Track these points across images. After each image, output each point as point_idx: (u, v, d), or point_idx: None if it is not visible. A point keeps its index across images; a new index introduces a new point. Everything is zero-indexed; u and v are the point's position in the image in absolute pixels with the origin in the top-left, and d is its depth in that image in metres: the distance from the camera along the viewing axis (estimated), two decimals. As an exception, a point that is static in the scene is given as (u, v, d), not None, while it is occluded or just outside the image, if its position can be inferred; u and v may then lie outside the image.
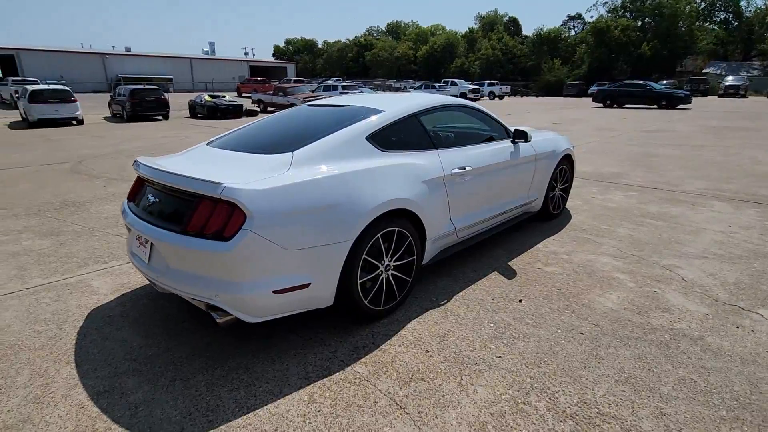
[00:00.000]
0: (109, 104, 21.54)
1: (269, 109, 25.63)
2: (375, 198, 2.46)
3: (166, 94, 20.83)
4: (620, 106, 25.33)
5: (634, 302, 2.91)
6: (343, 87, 27.22)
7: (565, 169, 4.63)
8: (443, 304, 2.91)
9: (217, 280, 2.12)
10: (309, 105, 3.58)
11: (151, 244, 2.35)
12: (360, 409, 1.96)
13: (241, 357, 2.34)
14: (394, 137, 2.91)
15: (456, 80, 37.75)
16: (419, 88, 35.65)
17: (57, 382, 2.16)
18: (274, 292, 2.18)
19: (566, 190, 4.81)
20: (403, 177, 2.71)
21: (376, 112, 2.97)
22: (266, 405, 1.99)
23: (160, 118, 20.24)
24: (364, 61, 72.80)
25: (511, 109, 23.88)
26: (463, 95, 35.78)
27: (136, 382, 2.15)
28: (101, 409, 1.97)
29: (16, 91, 22.10)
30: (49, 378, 2.18)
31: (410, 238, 2.76)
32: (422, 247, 2.92)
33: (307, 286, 2.27)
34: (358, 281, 2.48)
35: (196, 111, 21.48)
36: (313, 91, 29.08)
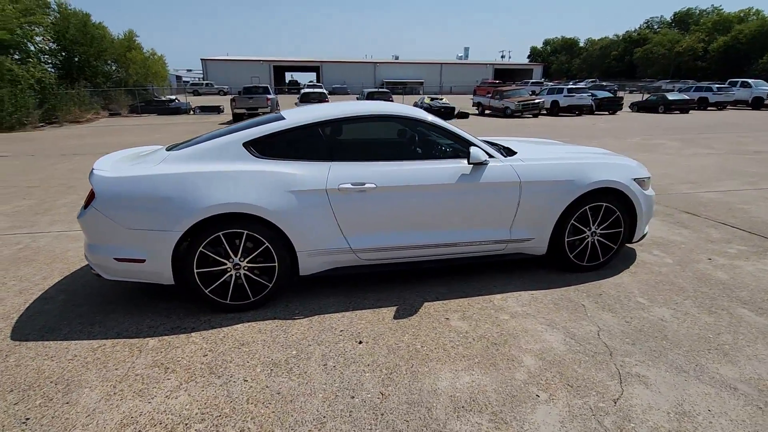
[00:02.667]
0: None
1: (486, 112, 25.80)
2: (209, 198, 2.67)
3: (394, 97, 23.89)
4: None
5: None
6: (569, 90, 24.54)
7: (609, 208, 3.35)
8: (288, 319, 2.83)
9: (85, 242, 2.85)
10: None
11: None
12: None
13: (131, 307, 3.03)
14: (280, 145, 2.96)
15: (751, 80, 28.38)
16: (687, 90, 28.43)
17: (40, 285, 3.35)
18: (115, 258, 2.75)
19: (615, 238, 3.47)
20: (259, 184, 2.78)
21: (281, 119, 3.08)
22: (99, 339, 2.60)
23: (387, 117, 23.40)
24: (630, 59, 62.74)
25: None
26: (757, 101, 26.73)
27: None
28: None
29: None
30: (41, 282, 3.41)
31: (267, 243, 2.82)
32: (290, 255, 2.90)
33: (142, 261, 2.74)
34: (195, 270, 2.77)
35: (415, 112, 23.77)
36: (535, 93, 27.44)
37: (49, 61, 26.39)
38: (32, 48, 24.09)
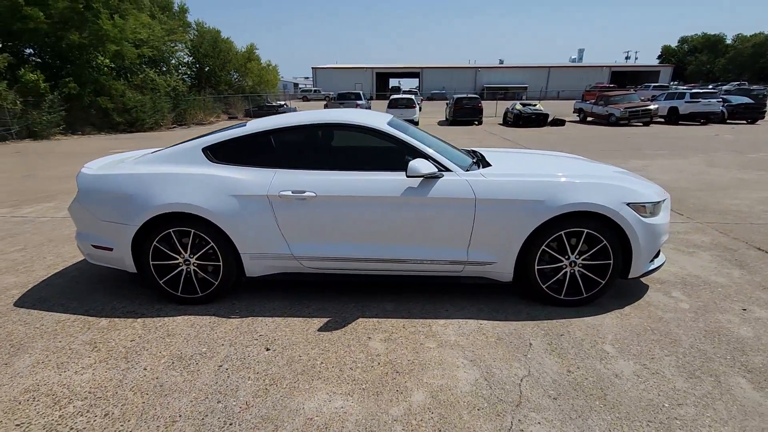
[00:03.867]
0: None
1: (588, 119, 23.54)
2: (161, 198, 2.92)
3: (482, 102, 23.15)
4: None
5: None
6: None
7: (593, 235, 2.86)
8: (223, 317, 2.94)
9: (76, 230, 3.31)
10: None
11: None
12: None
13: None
14: (234, 152, 3.10)
15: None
16: None
17: (67, 262, 3.99)
18: (92, 245, 3.16)
19: (603, 271, 2.94)
20: (206, 186, 2.95)
21: (242, 126, 3.23)
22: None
23: (476, 123, 22.77)
24: (796, 58, 51.81)
25: None
26: None
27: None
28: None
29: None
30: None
31: (212, 243, 2.99)
32: (235, 257, 3.03)
33: (111, 249, 3.11)
34: (150, 262, 3.05)
35: (507, 118, 22.73)
36: (649, 99, 24.20)
37: (186, 73, 30.93)
38: (173, 61, 28.47)
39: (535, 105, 22.35)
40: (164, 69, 26.82)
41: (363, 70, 58.16)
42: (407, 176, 2.76)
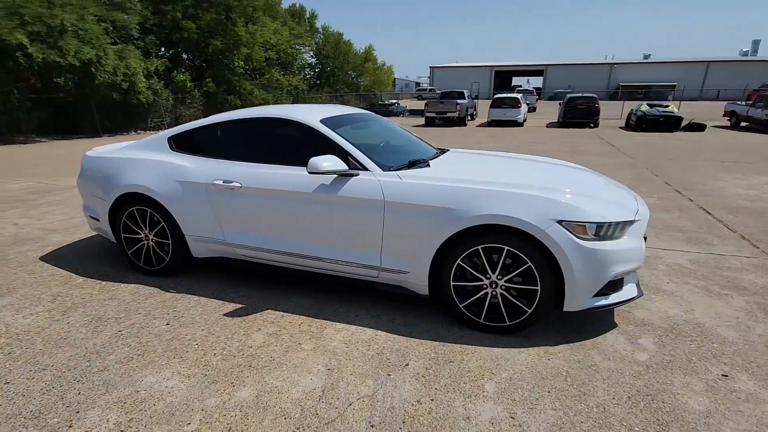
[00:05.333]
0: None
1: (742, 124, 19.28)
2: (125, 179, 3.35)
3: (602, 103, 20.67)
4: None
5: None
6: None
7: (516, 254, 2.43)
8: (164, 290, 3.23)
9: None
10: None
11: None
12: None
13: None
14: (188, 141, 3.38)
15: None
16: None
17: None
18: (91, 216, 3.77)
19: (531, 297, 2.48)
20: (159, 171, 3.28)
21: (204, 119, 3.50)
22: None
23: (591, 125, 20.53)
24: None
25: None
26: None
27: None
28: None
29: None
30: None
31: (162, 223, 3.33)
32: (181, 237, 3.32)
33: (98, 220, 3.66)
34: (122, 235, 3.52)
35: (629, 120, 19.97)
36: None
37: (309, 73, 33.89)
38: (298, 63, 31.40)
39: (667, 106, 19.18)
40: (291, 70, 29.72)
41: (481, 69, 56.33)
42: (308, 172, 2.69)
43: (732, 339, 2.57)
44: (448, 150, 3.76)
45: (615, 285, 2.53)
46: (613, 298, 2.53)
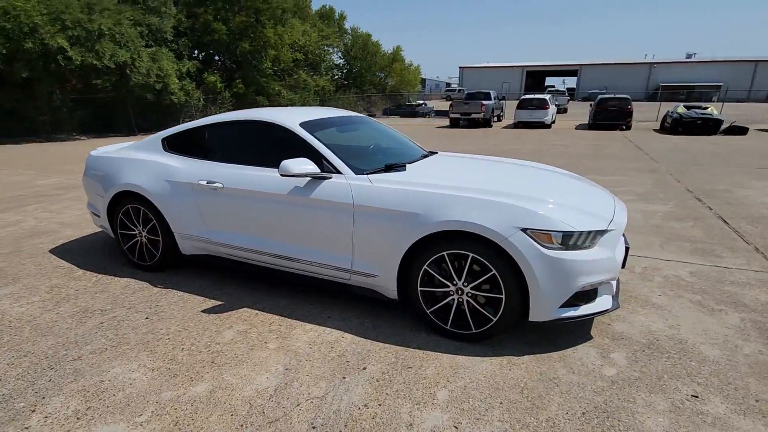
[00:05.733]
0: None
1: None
2: (120, 179, 3.52)
3: (632, 104, 19.85)
4: None
5: None
6: None
7: (480, 261, 2.39)
8: (153, 286, 3.37)
9: (89, 198, 4.18)
10: None
11: None
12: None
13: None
14: (179, 143, 3.51)
15: None
16: None
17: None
18: (93, 213, 3.97)
19: (496, 305, 2.43)
20: (150, 171, 3.42)
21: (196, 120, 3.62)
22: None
23: (623, 127, 19.78)
24: None
25: None
26: None
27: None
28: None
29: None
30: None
31: (154, 221, 3.47)
32: (170, 235, 3.44)
33: (99, 216, 3.86)
34: (118, 231, 3.69)
35: (664, 122, 19.10)
36: None
37: (337, 74, 34.24)
38: (326, 64, 31.78)
39: (706, 108, 18.25)
40: (318, 71, 30.10)
41: (512, 69, 55.17)
42: (280, 174, 2.73)
43: (714, 358, 2.43)
44: (436, 153, 3.74)
45: (586, 296, 2.45)
46: (584, 309, 2.44)
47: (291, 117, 3.18)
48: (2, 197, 6.58)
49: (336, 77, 33.52)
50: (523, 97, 21.96)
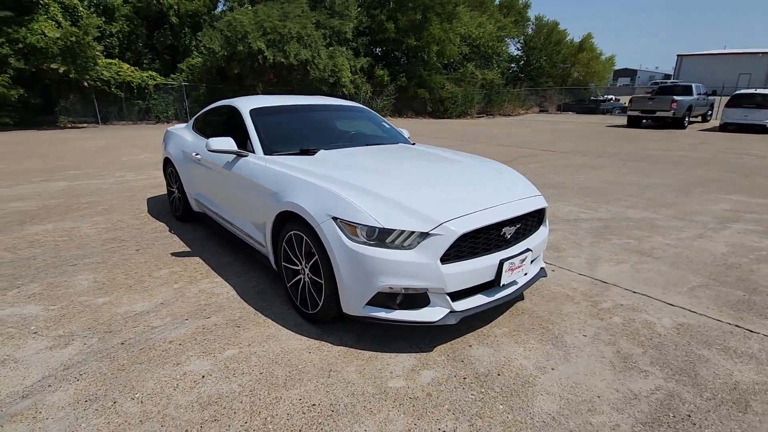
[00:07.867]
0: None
1: None
2: (166, 147, 4.65)
3: None
4: None
5: None
6: None
7: (309, 247, 2.45)
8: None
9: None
10: None
11: None
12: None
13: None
14: (196, 122, 4.43)
15: None
16: None
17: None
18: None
19: (319, 291, 2.45)
20: (177, 143, 4.43)
21: (221, 105, 4.45)
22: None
23: None
24: None
25: None
26: None
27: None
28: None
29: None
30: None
31: (180, 181, 4.47)
32: (184, 193, 4.40)
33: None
34: (167, 188, 4.87)
35: None
36: None
37: (513, 67, 32.65)
38: (499, 56, 30.70)
39: None
40: (490, 64, 29.37)
41: (751, 57, 42.15)
42: (207, 149, 3.25)
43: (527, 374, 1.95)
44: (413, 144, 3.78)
45: (409, 301, 2.26)
46: (398, 314, 2.27)
47: (248, 104, 3.66)
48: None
49: (512, 70, 32.06)
50: (737, 92, 17.06)
